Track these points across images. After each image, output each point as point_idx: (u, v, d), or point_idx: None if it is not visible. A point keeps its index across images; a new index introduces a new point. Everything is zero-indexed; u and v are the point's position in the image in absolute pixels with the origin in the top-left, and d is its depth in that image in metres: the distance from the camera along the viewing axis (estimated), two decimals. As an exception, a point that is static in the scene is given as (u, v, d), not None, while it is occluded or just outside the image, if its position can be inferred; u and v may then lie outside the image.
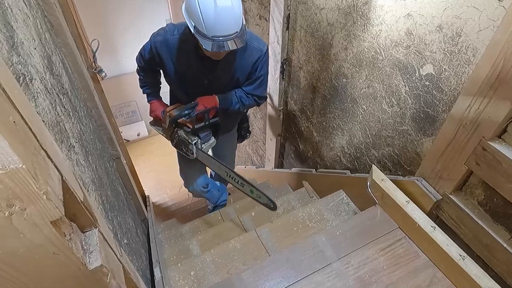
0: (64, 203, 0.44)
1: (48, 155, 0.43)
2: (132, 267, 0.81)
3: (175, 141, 1.65)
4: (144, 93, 1.76)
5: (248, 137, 2.11)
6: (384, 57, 1.26)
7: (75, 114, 1.03)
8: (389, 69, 1.26)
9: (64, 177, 0.46)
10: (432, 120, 1.17)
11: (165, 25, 1.51)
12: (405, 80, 1.21)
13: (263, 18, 2.04)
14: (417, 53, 1.12)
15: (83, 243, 0.51)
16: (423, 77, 1.13)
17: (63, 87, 0.97)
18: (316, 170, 2.06)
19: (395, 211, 1.27)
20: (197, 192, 2.04)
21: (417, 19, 1.07)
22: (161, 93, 1.79)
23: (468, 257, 1.05)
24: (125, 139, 4.32)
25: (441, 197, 1.18)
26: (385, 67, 1.27)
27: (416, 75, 1.16)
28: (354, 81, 1.48)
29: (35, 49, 0.77)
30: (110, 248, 0.59)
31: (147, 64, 1.59)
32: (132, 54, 1.62)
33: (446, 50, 1.02)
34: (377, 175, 1.34)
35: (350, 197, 1.60)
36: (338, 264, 1.18)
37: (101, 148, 1.38)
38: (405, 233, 1.25)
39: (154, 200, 3.28)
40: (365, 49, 1.34)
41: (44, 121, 0.63)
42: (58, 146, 0.60)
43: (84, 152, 0.95)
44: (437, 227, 1.14)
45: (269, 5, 1.81)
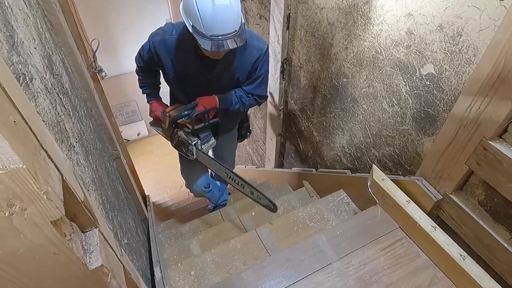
0: (64, 203, 0.44)
1: (48, 155, 0.43)
2: (133, 267, 0.81)
3: (175, 142, 1.64)
4: (143, 93, 1.75)
5: (249, 136, 2.09)
6: (384, 56, 1.26)
7: (75, 114, 1.02)
8: (389, 68, 1.26)
9: (64, 177, 0.46)
10: (433, 120, 1.17)
11: (163, 24, 1.49)
12: (405, 80, 1.21)
13: (263, 17, 2.03)
14: (417, 53, 1.12)
15: (84, 243, 0.51)
16: (423, 76, 1.13)
17: (63, 87, 0.96)
18: (316, 170, 2.06)
19: (395, 211, 1.27)
20: (198, 192, 2.04)
21: (418, 19, 1.07)
22: (161, 93, 1.78)
23: (469, 257, 1.05)
24: (125, 138, 4.32)
25: (441, 197, 1.18)
26: (386, 66, 1.27)
27: (417, 74, 1.15)
28: (355, 81, 1.47)
29: (35, 48, 0.77)
30: (111, 248, 0.59)
31: (146, 64, 1.58)
32: (132, 54, 1.61)
33: (446, 49, 1.02)
34: (378, 174, 1.34)
35: (350, 197, 1.60)
36: (339, 264, 1.18)
37: (101, 148, 1.38)
38: (405, 233, 1.25)
39: (154, 200, 3.28)
40: (366, 48, 1.33)
41: (44, 120, 0.63)
42: (58, 146, 0.60)
43: (84, 151, 0.95)
44: (437, 227, 1.14)
45: (269, 4, 1.81)
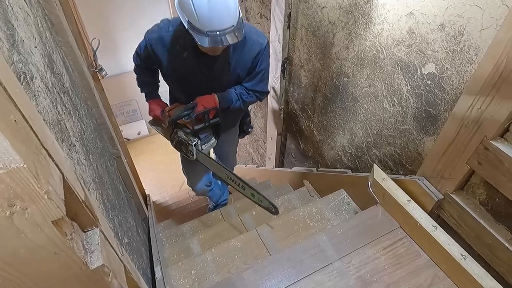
0: (65, 203, 0.44)
1: (49, 154, 0.43)
2: (133, 267, 0.81)
3: (174, 142, 1.62)
4: (142, 92, 1.71)
5: (250, 132, 2.04)
6: (385, 56, 1.25)
7: (76, 113, 1.02)
8: (390, 68, 1.25)
9: (65, 177, 0.46)
10: (434, 119, 1.16)
11: (159, 21, 1.44)
12: (406, 79, 1.21)
13: (264, 16, 2.03)
14: (419, 52, 1.12)
15: (84, 242, 0.51)
16: (425, 76, 1.13)
17: (63, 86, 0.96)
18: (317, 169, 2.06)
19: (396, 210, 1.27)
20: (200, 190, 2.04)
21: (419, 18, 1.07)
22: (160, 92, 1.76)
23: (470, 256, 1.05)
24: (125, 138, 4.32)
25: (442, 197, 1.17)
26: (387, 66, 1.27)
27: (418, 74, 1.15)
28: (356, 80, 1.47)
29: (36, 47, 0.77)
30: (111, 247, 0.59)
31: (144, 63, 1.55)
32: (132, 53, 1.60)
33: (448, 49, 1.02)
34: (379, 174, 1.34)
35: (351, 197, 1.60)
36: (339, 264, 1.18)
37: (101, 147, 1.38)
38: (406, 233, 1.25)
39: (154, 199, 3.28)
40: (367, 48, 1.33)
41: (45, 120, 0.63)
42: (59, 145, 0.59)
43: (85, 151, 0.95)
44: (438, 226, 1.14)
45: (270, 3, 1.80)
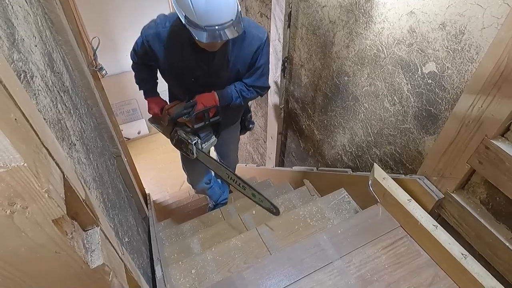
0: (65, 202, 0.44)
1: (49, 153, 0.43)
2: (134, 266, 0.81)
3: (174, 140, 1.60)
4: (140, 90, 1.69)
5: (252, 128, 2.01)
6: (386, 55, 1.25)
7: (76, 112, 1.02)
8: (391, 67, 1.25)
9: (65, 175, 0.46)
10: (435, 118, 1.16)
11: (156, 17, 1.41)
12: (407, 78, 1.20)
13: (264, 15, 2.03)
14: (419, 51, 1.11)
15: (85, 241, 0.51)
16: (425, 75, 1.13)
17: (64, 85, 0.96)
18: (317, 169, 2.06)
19: (396, 209, 1.27)
20: (199, 188, 2.04)
21: (420, 17, 1.07)
22: (160, 92, 1.74)
23: (470, 256, 1.05)
24: (125, 137, 4.32)
25: (443, 196, 1.17)
26: (387, 65, 1.26)
27: (419, 73, 1.15)
28: (356, 79, 1.47)
29: (36, 46, 0.77)
30: (112, 246, 0.59)
31: (141, 60, 1.52)
32: (132, 52, 1.59)
33: (449, 48, 1.02)
34: (379, 173, 1.34)
35: (351, 196, 1.60)
36: (340, 263, 1.18)
37: (101, 146, 1.38)
38: (406, 232, 1.25)
39: (154, 198, 3.28)
40: (367, 47, 1.33)
41: (45, 119, 0.63)
42: (59, 144, 0.59)
43: (85, 150, 0.95)
44: (439, 225, 1.14)
45: (271, 2, 1.80)
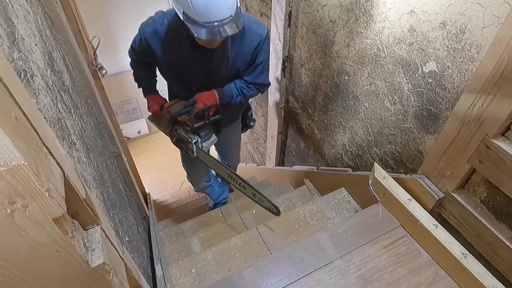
0: (66, 201, 0.44)
1: (50, 152, 0.43)
2: (134, 265, 0.81)
3: (174, 139, 1.60)
4: (139, 88, 1.66)
5: (253, 126, 1.99)
6: (386, 54, 1.25)
7: (76, 111, 1.02)
8: (391, 66, 1.25)
9: (66, 174, 0.46)
10: (435, 117, 1.16)
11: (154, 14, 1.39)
12: (407, 78, 1.20)
13: (264, 15, 2.03)
14: (420, 50, 1.11)
15: (85, 240, 0.51)
16: (426, 74, 1.13)
17: (64, 84, 0.96)
18: (317, 168, 2.06)
19: (397, 209, 1.27)
20: (199, 186, 2.04)
21: (421, 16, 1.07)
22: (160, 90, 1.72)
23: (471, 255, 1.05)
24: (125, 136, 4.32)
25: (443, 195, 1.17)
26: (388, 64, 1.26)
27: (419, 72, 1.15)
28: (356, 79, 1.47)
29: (36, 45, 0.76)
30: (112, 245, 0.59)
31: (139, 57, 1.51)
32: (132, 52, 1.58)
33: (449, 47, 1.01)
34: (379, 173, 1.33)
35: (351, 195, 1.60)
36: (340, 262, 1.18)
37: (102, 146, 1.38)
38: (407, 231, 1.25)
39: (154, 198, 3.28)
40: (368, 46, 1.33)
41: (45, 118, 0.63)
42: (60, 143, 0.59)
43: (86, 149, 0.95)
44: (439, 225, 1.14)
45: (271, 1, 1.80)
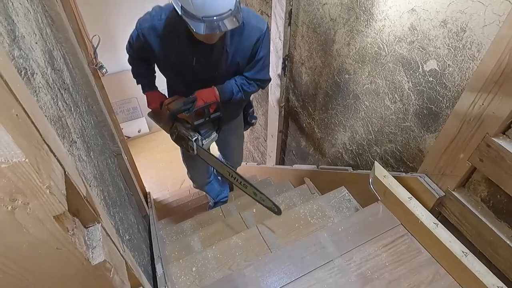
0: (67, 198, 0.44)
1: (50, 150, 0.43)
2: (135, 263, 0.81)
3: (174, 136, 1.58)
4: (138, 84, 1.64)
5: (255, 123, 1.97)
6: (387, 52, 1.25)
7: (77, 110, 1.02)
8: (392, 65, 1.25)
9: (66, 172, 0.46)
10: (436, 116, 1.16)
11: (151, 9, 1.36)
12: (408, 76, 1.20)
13: (264, 13, 2.02)
14: (420, 49, 1.11)
15: (86, 238, 0.51)
16: (426, 73, 1.13)
17: (64, 82, 0.96)
18: (317, 167, 2.06)
19: (397, 207, 1.27)
20: (199, 184, 2.04)
21: (421, 14, 1.06)
22: (159, 86, 1.69)
23: (471, 253, 1.05)
24: (125, 135, 4.31)
25: (444, 194, 1.17)
26: (388, 63, 1.26)
27: (420, 71, 1.15)
28: (357, 77, 1.47)
29: (37, 43, 0.76)
30: (113, 243, 0.59)
31: (137, 53, 1.48)
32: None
33: (450, 45, 1.01)
34: (380, 171, 1.33)
35: (352, 194, 1.60)
36: (340, 261, 1.18)
37: (102, 144, 1.38)
38: (407, 230, 1.25)
39: (155, 197, 3.28)
40: (368, 44, 1.32)
41: (46, 116, 0.63)
42: (60, 141, 0.59)
43: (86, 147, 0.95)
44: (439, 223, 1.14)
45: (271, 0, 1.79)
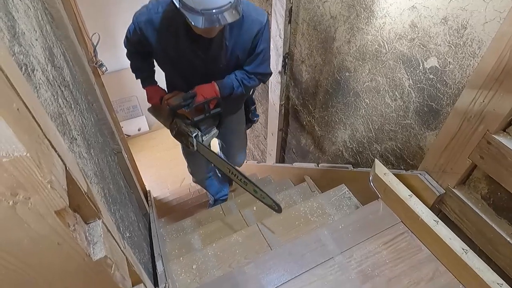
0: (67, 194, 0.44)
1: (51, 145, 0.43)
2: (135, 260, 0.81)
3: (174, 132, 1.57)
4: (137, 79, 1.61)
5: (256, 121, 1.95)
6: (387, 50, 1.25)
7: (77, 107, 1.02)
8: (392, 62, 1.25)
9: (67, 167, 0.46)
10: (436, 113, 1.16)
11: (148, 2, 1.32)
12: (408, 74, 1.20)
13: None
14: (421, 46, 1.11)
15: (87, 234, 0.50)
16: (427, 70, 1.12)
17: (64, 80, 0.96)
18: (318, 165, 2.06)
19: (397, 205, 1.27)
20: (199, 179, 2.04)
21: (422, 11, 1.06)
22: (158, 80, 1.67)
23: (471, 251, 1.05)
24: (126, 134, 4.31)
25: (444, 191, 1.17)
26: (389, 60, 1.26)
27: (420, 68, 1.14)
28: (357, 75, 1.46)
29: (37, 40, 0.76)
30: (114, 240, 0.59)
31: (134, 48, 1.46)
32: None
33: (451, 42, 1.01)
34: (380, 169, 1.33)
35: (352, 192, 1.60)
36: (341, 258, 1.18)
37: (102, 142, 1.38)
38: (407, 227, 1.25)
39: (155, 195, 3.28)
40: (369, 42, 1.32)
41: (46, 112, 0.63)
42: (61, 137, 0.59)
43: (86, 145, 0.95)
44: (440, 221, 1.14)
45: (271, -2, 1.79)
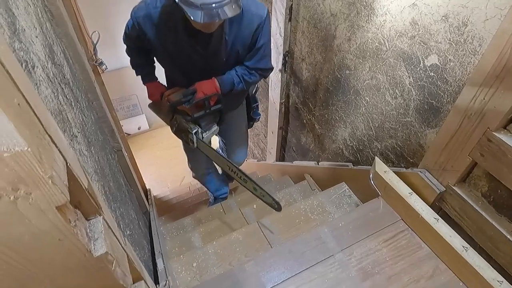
0: (68, 190, 0.44)
1: (52, 140, 0.43)
2: (136, 257, 0.81)
3: (174, 128, 1.57)
4: (137, 75, 1.60)
5: (258, 120, 1.95)
6: (388, 48, 1.25)
7: (77, 105, 1.02)
8: (393, 60, 1.25)
9: (68, 163, 0.46)
10: (436, 111, 1.16)
11: None
12: (409, 71, 1.20)
13: (265, 9, 2.01)
14: (421, 44, 1.11)
15: (88, 230, 0.50)
16: (427, 68, 1.12)
17: (64, 77, 0.96)
18: (318, 163, 2.06)
19: (398, 202, 1.27)
20: (198, 175, 2.04)
21: (423, 9, 1.06)
22: (159, 76, 1.66)
23: (471, 248, 1.05)
24: (126, 132, 4.31)
25: (444, 189, 1.17)
26: (389, 58, 1.26)
27: (421, 66, 1.14)
28: (357, 73, 1.46)
29: (37, 37, 0.76)
30: (115, 236, 0.59)
31: (133, 43, 1.45)
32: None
33: (451, 40, 1.01)
34: (380, 167, 1.33)
35: (352, 190, 1.60)
36: (341, 256, 1.18)
37: (102, 140, 1.38)
38: (408, 225, 1.25)
39: (155, 194, 3.28)
40: (369, 40, 1.32)
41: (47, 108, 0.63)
42: (62, 133, 0.59)
43: (87, 142, 0.94)
44: (440, 218, 1.14)
45: (271, -4, 1.79)
